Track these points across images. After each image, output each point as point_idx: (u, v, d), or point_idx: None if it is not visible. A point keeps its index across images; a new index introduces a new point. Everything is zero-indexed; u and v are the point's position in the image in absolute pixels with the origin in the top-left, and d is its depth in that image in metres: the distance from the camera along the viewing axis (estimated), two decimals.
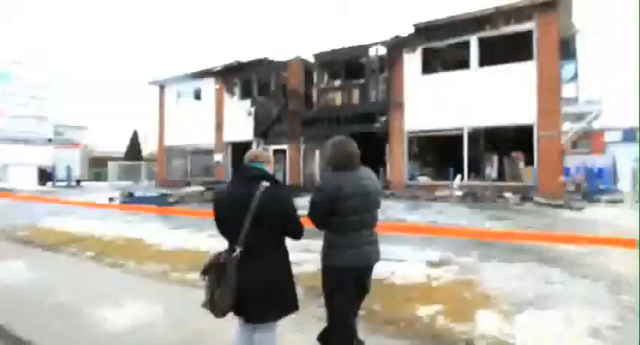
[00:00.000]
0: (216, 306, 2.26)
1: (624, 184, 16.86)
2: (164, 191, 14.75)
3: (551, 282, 4.34)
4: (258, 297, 2.26)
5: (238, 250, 2.24)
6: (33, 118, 19.38)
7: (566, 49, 13.29)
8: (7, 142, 18.19)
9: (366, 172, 2.55)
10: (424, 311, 3.54)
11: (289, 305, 2.39)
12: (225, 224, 2.38)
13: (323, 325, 2.61)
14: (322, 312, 2.69)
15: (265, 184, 2.32)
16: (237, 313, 2.34)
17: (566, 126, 14.69)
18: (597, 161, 17.04)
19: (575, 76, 13.62)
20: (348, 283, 2.44)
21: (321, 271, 2.54)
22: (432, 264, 4.95)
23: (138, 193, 13.38)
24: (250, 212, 2.23)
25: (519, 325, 3.25)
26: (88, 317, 3.71)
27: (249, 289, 2.23)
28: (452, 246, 5.84)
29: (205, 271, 2.30)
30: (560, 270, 4.75)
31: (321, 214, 2.44)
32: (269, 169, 2.47)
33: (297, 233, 2.41)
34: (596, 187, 13.72)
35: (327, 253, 2.48)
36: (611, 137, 25.63)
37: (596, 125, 18.51)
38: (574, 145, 21.37)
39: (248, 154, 2.52)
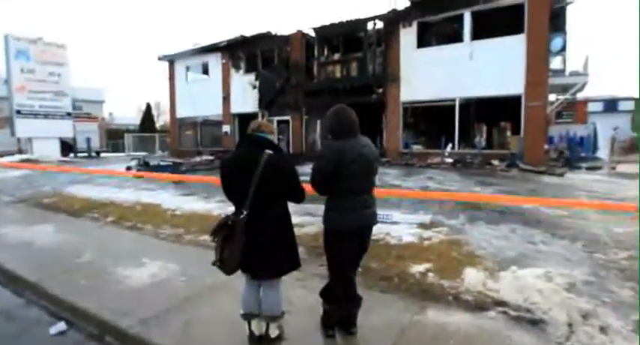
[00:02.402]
0: (225, 264, 2.29)
1: (603, 152, 16.80)
2: (177, 160, 14.72)
3: (533, 242, 4.38)
4: (263, 255, 2.28)
5: (245, 212, 2.23)
6: (52, 93, 18.86)
7: (556, 22, 12.80)
8: (30, 117, 17.94)
9: (365, 140, 2.50)
10: (416, 269, 3.58)
11: (291, 263, 2.43)
12: (232, 189, 2.37)
13: (325, 282, 2.64)
14: (324, 270, 2.72)
15: (269, 151, 2.28)
16: (245, 270, 2.37)
17: (553, 97, 14.36)
18: (579, 130, 16.84)
19: (563, 49, 13.16)
20: (349, 243, 2.44)
21: (323, 233, 2.54)
22: (424, 226, 4.97)
23: (153, 163, 13.36)
24: (255, 178, 2.21)
25: (502, 280, 3.30)
26: (112, 274, 3.78)
27: (255, 248, 2.25)
28: (442, 209, 5.85)
29: (215, 233, 2.31)
30: (542, 231, 4.77)
31: (322, 180, 2.40)
32: (272, 138, 2.43)
33: (299, 197, 2.41)
34: (577, 154, 13.62)
35: (330, 217, 2.45)
36: (594, 108, 25.28)
37: (580, 96, 18.09)
38: (559, 114, 21.00)
39: (252, 125, 2.47)
